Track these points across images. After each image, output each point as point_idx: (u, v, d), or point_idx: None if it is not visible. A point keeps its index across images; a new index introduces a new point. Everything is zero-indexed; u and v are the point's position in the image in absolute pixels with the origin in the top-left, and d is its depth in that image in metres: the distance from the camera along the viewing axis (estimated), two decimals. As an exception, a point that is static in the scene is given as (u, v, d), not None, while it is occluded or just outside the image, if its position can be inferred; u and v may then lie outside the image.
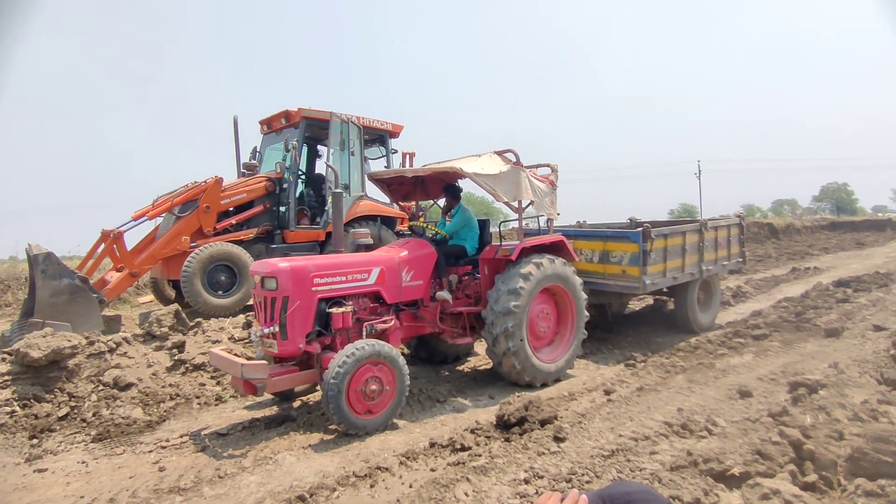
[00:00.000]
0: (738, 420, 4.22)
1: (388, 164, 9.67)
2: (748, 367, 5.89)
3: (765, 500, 2.74)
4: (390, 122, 9.64)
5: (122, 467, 4.15)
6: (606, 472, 3.51)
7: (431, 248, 5.81)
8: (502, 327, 5.35)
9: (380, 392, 4.59)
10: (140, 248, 7.67)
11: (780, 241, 22.26)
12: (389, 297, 5.36)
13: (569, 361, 6.00)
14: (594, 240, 7.37)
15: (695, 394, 5.06)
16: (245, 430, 4.76)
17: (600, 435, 4.14)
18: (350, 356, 4.41)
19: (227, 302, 7.31)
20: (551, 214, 6.13)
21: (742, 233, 8.78)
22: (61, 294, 6.18)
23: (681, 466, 3.42)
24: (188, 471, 3.98)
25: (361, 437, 4.44)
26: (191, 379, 5.67)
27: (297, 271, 4.74)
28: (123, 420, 4.91)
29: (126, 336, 5.89)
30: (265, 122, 9.40)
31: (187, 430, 4.81)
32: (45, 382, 5.11)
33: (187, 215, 7.60)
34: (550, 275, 5.73)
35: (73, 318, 6.14)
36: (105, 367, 5.44)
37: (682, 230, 7.49)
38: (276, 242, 8.29)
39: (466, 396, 5.47)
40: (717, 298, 8.52)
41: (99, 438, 4.66)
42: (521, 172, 5.70)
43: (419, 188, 6.90)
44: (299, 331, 4.72)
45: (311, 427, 4.74)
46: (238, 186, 8.21)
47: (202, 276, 7.11)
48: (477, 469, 3.61)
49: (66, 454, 4.43)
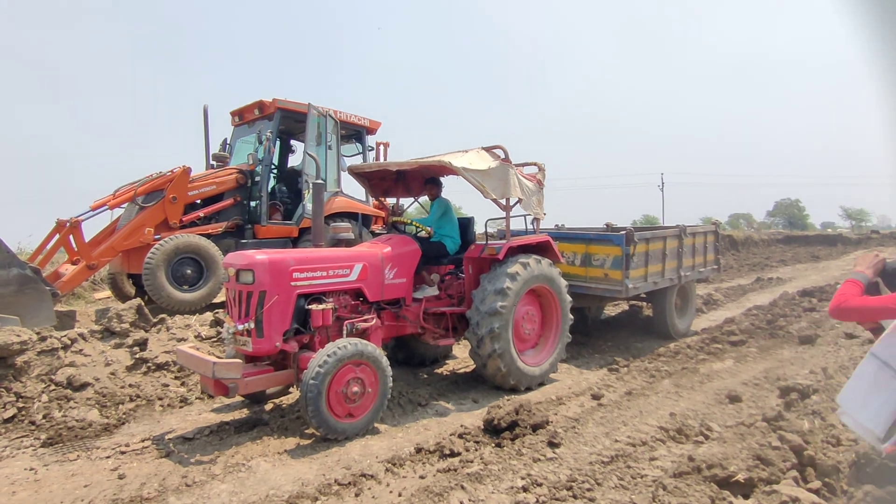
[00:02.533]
0: (732, 425, 4.14)
1: (365, 160, 9.37)
2: (730, 372, 5.87)
3: (784, 509, 2.61)
4: (368, 118, 9.37)
5: (76, 475, 3.76)
6: (607, 479, 3.35)
7: (415, 244, 5.58)
8: (488, 328, 5.16)
9: (361, 394, 4.33)
10: (99, 239, 7.15)
11: (740, 253, 22.92)
12: (371, 295, 5.10)
13: (553, 365, 5.86)
14: (576, 242, 7.28)
15: (683, 398, 4.98)
16: (213, 435, 4.42)
17: (596, 440, 3.98)
18: (331, 355, 4.14)
19: (193, 297, 6.88)
20: (538, 214, 5.99)
21: (717, 240, 8.88)
22: (9, 285, 5.66)
23: (684, 473, 3.28)
24: (151, 478, 3.64)
25: (341, 443, 4.17)
26: (153, 379, 5.27)
27: (276, 264, 4.44)
28: (77, 423, 4.49)
29: (82, 332, 5.44)
30: (237, 112, 8.97)
31: (149, 434, 4.43)
32: (-12, 381, 4.65)
33: (152, 206, 7.13)
34: (537, 275, 5.58)
35: (22, 311, 5.62)
36: (58, 365, 4.99)
37: (664, 235, 7.49)
38: (246, 237, 7.88)
39: (449, 400, 5.26)
40: (692, 305, 8.57)
41: (50, 443, 4.24)
42: (510, 169, 5.54)
43: (401, 184, 6.68)
44: (276, 328, 4.41)
45: (286, 431, 4.44)
46: (207, 178, 7.77)
47: (166, 268, 6.66)
48: (471, 476, 3.40)
49: (12, 460, 4.00)
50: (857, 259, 2.52)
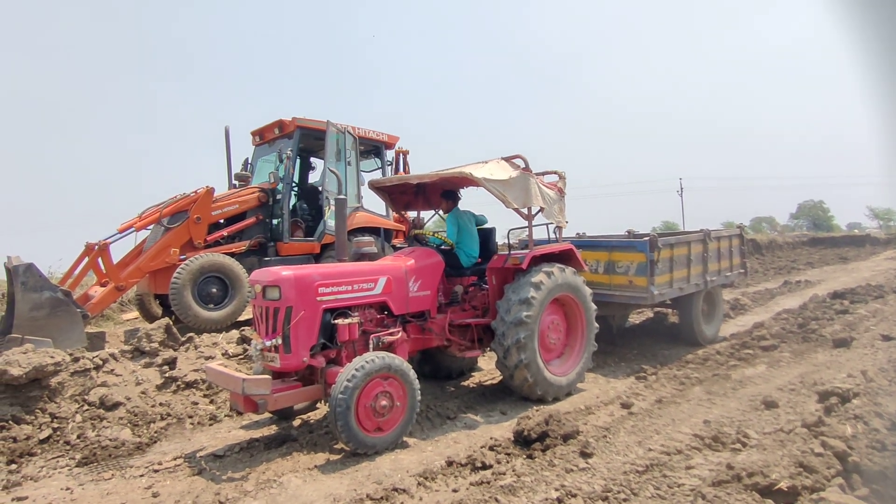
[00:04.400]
0: (770, 431, 4.03)
1: (384, 175, 9.44)
2: (764, 377, 5.73)
3: (833, 517, 2.52)
4: (386, 134, 9.45)
5: (111, 493, 3.80)
6: (643, 489, 3.28)
7: (439, 257, 5.58)
8: (514, 338, 5.12)
9: (390, 408, 4.31)
10: (126, 261, 7.29)
11: (765, 257, 22.46)
12: (396, 308, 5.10)
13: (580, 374, 5.78)
14: (599, 250, 7.22)
15: (716, 405, 4.87)
16: (243, 452, 4.43)
17: (629, 449, 3.91)
18: (359, 369, 4.13)
19: (219, 315, 6.96)
20: (560, 222, 5.96)
21: (743, 244, 8.72)
22: (42, 308, 5.79)
23: (723, 481, 3.20)
24: (185, 496, 3.66)
25: (371, 457, 4.15)
26: (183, 397, 5.33)
27: (302, 280, 4.47)
28: (111, 442, 4.55)
29: (113, 352, 5.53)
30: (257, 132, 9.13)
31: (181, 452, 4.47)
32: (24, 402, 4.74)
33: (177, 227, 7.27)
34: (561, 284, 5.54)
35: (55, 333, 5.75)
36: (90, 385, 5.07)
37: (688, 240, 7.38)
38: (268, 255, 7.97)
39: (477, 412, 5.21)
40: (720, 310, 8.41)
41: (84, 462, 4.29)
42: (531, 178, 5.53)
43: (420, 197, 6.70)
44: (303, 343, 4.43)
45: (315, 447, 4.44)
46: (230, 197, 7.90)
47: (192, 287, 6.76)
48: (504, 489, 3.35)
49: (49, 480, 4.06)
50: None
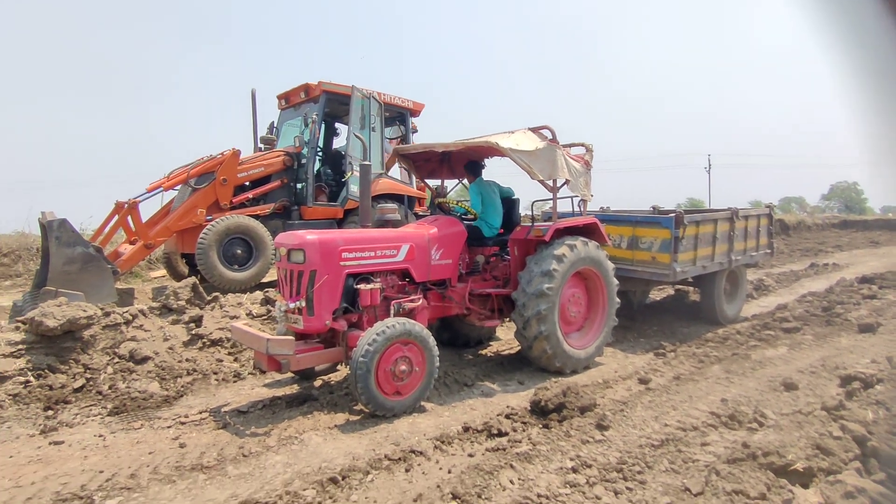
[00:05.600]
0: (788, 413, 4.02)
1: (408, 142, 9.39)
2: (784, 359, 5.68)
3: (849, 500, 2.53)
4: (411, 100, 9.36)
5: (141, 442, 3.96)
6: (658, 463, 3.32)
7: (461, 226, 5.58)
8: (534, 310, 5.13)
9: (409, 373, 4.39)
10: (154, 220, 7.44)
11: (791, 238, 21.97)
12: (418, 276, 5.14)
13: (598, 348, 5.80)
14: (623, 225, 7.14)
15: (734, 384, 4.86)
16: (266, 409, 4.57)
17: (645, 424, 3.94)
18: (380, 334, 4.20)
19: (243, 276, 7.10)
20: (586, 195, 5.89)
21: (771, 224, 8.53)
22: (75, 262, 5.97)
23: (738, 459, 3.22)
24: (210, 448, 3.80)
25: (389, 420, 4.25)
26: (208, 354, 5.49)
27: (326, 244, 4.52)
28: (140, 394, 4.73)
29: (142, 308, 5.69)
30: (283, 96, 9.12)
31: (206, 407, 4.63)
32: (59, 353, 4.93)
33: (203, 188, 7.37)
34: (584, 258, 5.51)
35: (87, 288, 5.93)
36: (121, 339, 5.25)
37: (714, 218, 7.25)
38: (292, 218, 8.05)
39: (494, 381, 5.28)
40: (743, 290, 8.30)
41: (115, 412, 4.48)
42: (557, 150, 5.46)
43: (445, 165, 6.66)
44: (326, 306, 4.51)
45: (335, 407, 4.55)
46: (255, 160, 7.96)
47: (218, 248, 6.89)
48: (520, 456, 3.42)
49: (83, 427, 4.25)
50: None
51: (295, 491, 3.14)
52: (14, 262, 7.85)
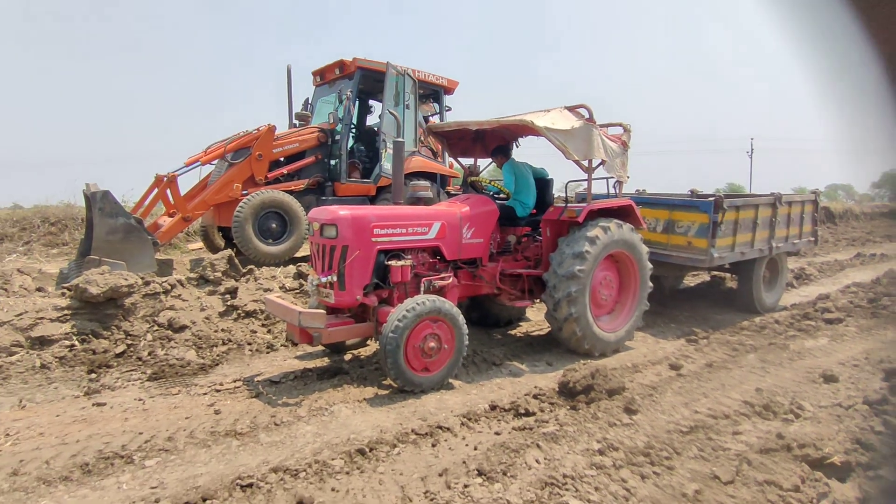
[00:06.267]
0: (827, 405, 3.90)
1: (442, 120, 9.33)
2: (825, 350, 5.50)
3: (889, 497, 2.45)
4: (446, 78, 9.26)
5: (178, 407, 4.11)
6: (687, 449, 3.27)
7: (493, 205, 5.54)
8: (565, 291, 5.08)
9: (438, 350, 4.42)
10: (192, 193, 7.61)
11: (837, 227, 21.13)
12: (449, 254, 5.14)
13: (629, 332, 5.72)
14: (659, 208, 6.97)
15: (770, 374, 4.73)
16: (297, 380, 4.67)
17: (674, 410, 3.88)
18: (410, 311, 4.23)
19: (278, 250, 7.24)
20: (622, 177, 5.76)
21: (816, 211, 8.21)
22: (117, 232, 6.17)
23: (771, 449, 3.15)
24: (243, 416, 3.91)
25: (417, 395, 4.30)
26: (242, 325, 5.62)
27: (358, 220, 4.55)
28: (178, 361, 4.89)
29: (180, 279, 5.86)
30: (318, 72, 9.14)
31: (240, 376, 4.76)
32: (102, 319, 5.12)
33: (240, 162, 7.49)
34: (617, 240, 5.41)
35: (128, 257, 6.14)
36: (160, 307, 5.42)
37: (756, 203, 7.01)
38: (326, 194, 8.13)
39: (523, 361, 5.27)
40: (783, 278, 8.04)
41: (154, 377, 4.65)
42: (594, 129, 5.33)
43: (479, 144, 6.59)
44: (357, 282, 4.55)
45: (365, 381, 4.62)
46: (290, 136, 8.04)
47: (253, 222, 7.02)
48: (547, 436, 3.42)
49: (123, 390, 4.43)
50: None
51: (324, 460, 3.21)
52: (61, 232, 8.17)
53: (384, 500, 2.79)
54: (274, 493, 2.88)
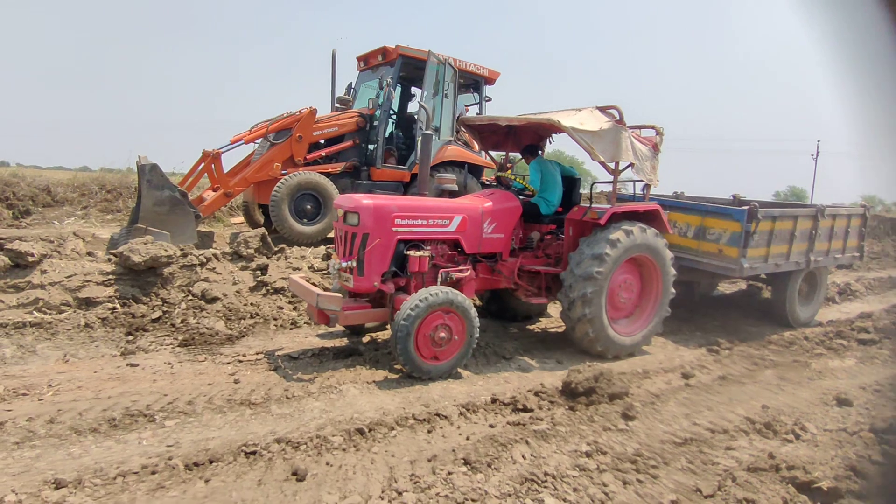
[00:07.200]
0: (832, 429, 3.83)
1: (481, 111, 9.35)
2: (849, 372, 5.34)
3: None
4: (487, 68, 9.25)
5: (202, 374, 4.42)
6: (675, 460, 3.31)
7: (517, 201, 5.60)
8: (581, 292, 5.11)
9: (448, 340, 4.56)
10: (236, 170, 7.97)
11: (904, 240, 19.96)
12: (468, 247, 5.25)
13: (646, 337, 5.71)
14: (691, 213, 6.83)
15: (784, 392, 4.66)
16: (314, 357, 4.91)
17: (673, 420, 3.90)
18: (423, 300, 4.38)
19: (311, 230, 7.52)
20: (651, 180, 5.69)
21: (864, 225, 7.86)
22: (163, 204, 6.56)
23: (760, 468, 3.16)
24: (259, 387, 4.17)
25: (424, 382, 4.46)
26: (270, 301, 5.92)
27: (380, 209, 4.71)
28: (207, 330, 5.22)
29: (216, 253, 6.20)
30: (362, 58, 9.31)
31: (263, 349, 5.04)
32: (142, 286, 5.51)
33: (281, 143, 7.77)
34: (640, 244, 5.38)
35: (172, 228, 6.52)
36: (195, 279, 5.77)
37: (795, 214, 6.78)
38: (361, 178, 8.34)
39: (533, 357, 5.35)
40: (821, 293, 7.77)
41: (185, 344, 4.99)
42: (623, 132, 5.29)
43: (511, 138, 6.63)
44: (376, 269, 4.73)
45: (377, 364, 4.82)
46: (330, 119, 8.26)
47: (290, 202, 7.31)
48: (537, 433, 3.52)
49: (156, 353, 4.78)
50: None
51: (325, 436, 3.42)
52: (116, 199, 8.72)
53: (371, 478, 2.97)
54: (273, 462, 3.11)
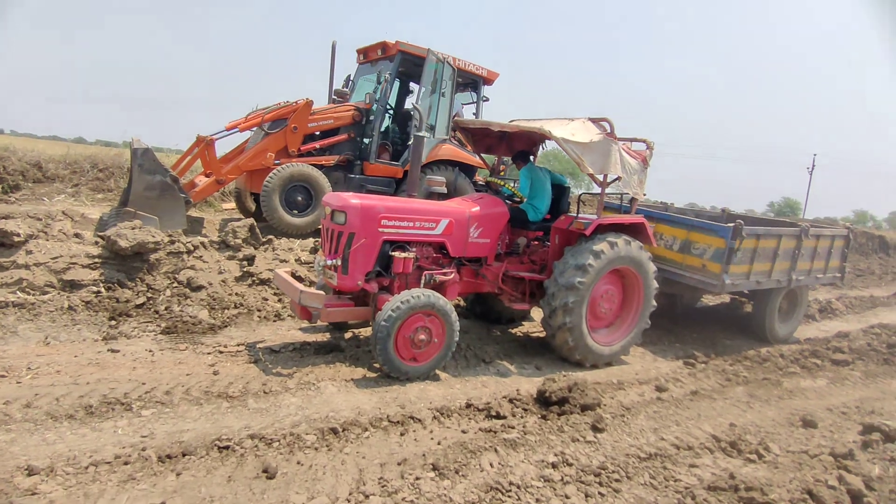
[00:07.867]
0: (794, 451, 3.94)
1: (478, 111, 9.38)
2: (819, 393, 5.46)
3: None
4: (486, 68, 9.27)
5: (182, 363, 4.46)
6: (639, 475, 3.39)
7: (505, 207, 5.65)
8: (562, 301, 5.19)
9: (427, 342, 4.63)
10: (229, 157, 7.95)
11: (890, 258, 20.14)
12: (454, 251, 5.30)
13: (624, 348, 5.80)
14: (678, 226, 6.91)
15: (753, 410, 4.76)
16: (295, 352, 4.96)
17: (641, 434, 3.99)
18: (405, 302, 4.44)
19: (300, 222, 7.54)
20: (637, 194, 5.76)
21: (847, 246, 7.97)
22: (153, 189, 6.55)
23: (719, 488, 3.25)
24: (238, 379, 4.22)
25: (402, 383, 4.53)
26: (255, 292, 5.96)
27: (367, 210, 4.75)
28: (191, 319, 5.26)
29: (203, 241, 6.22)
30: (362, 51, 9.28)
31: (244, 340, 5.09)
32: (128, 271, 5.54)
33: (275, 133, 7.76)
34: (624, 257, 5.45)
35: (162, 213, 6.52)
36: (181, 266, 5.80)
37: (779, 233, 6.87)
38: (354, 172, 8.35)
39: (513, 362, 5.43)
40: (801, 311, 7.89)
41: (167, 331, 5.03)
42: (613, 145, 5.34)
43: (504, 143, 6.67)
44: (360, 268, 4.78)
45: (357, 361, 4.88)
46: (326, 111, 8.26)
47: (281, 193, 7.32)
48: (507, 442, 3.59)
49: (137, 340, 4.82)
50: None
51: (299, 433, 3.48)
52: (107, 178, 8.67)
53: (340, 479, 3.04)
54: (245, 459, 3.17)
